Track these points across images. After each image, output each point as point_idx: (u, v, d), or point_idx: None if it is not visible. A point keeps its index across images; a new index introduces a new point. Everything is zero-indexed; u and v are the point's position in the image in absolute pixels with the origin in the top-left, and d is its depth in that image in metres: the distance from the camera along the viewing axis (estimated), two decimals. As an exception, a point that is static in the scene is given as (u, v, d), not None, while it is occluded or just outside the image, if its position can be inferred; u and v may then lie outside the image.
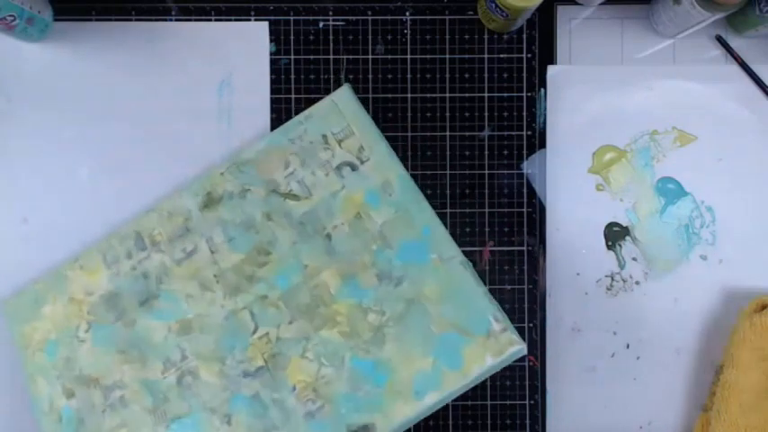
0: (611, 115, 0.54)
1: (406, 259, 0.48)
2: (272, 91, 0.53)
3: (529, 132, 0.54)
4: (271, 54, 0.53)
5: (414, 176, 0.53)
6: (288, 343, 0.48)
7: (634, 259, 0.54)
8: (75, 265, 0.51)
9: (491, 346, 0.45)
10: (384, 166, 0.49)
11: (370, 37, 0.54)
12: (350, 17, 0.53)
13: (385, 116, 0.54)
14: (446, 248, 0.48)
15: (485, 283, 0.53)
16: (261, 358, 0.48)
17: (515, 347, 0.45)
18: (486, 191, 0.54)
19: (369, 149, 0.50)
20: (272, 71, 0.53)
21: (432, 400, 0.45)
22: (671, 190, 0.54)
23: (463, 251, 0.54)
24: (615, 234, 0.54)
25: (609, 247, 0.54)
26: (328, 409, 0.46)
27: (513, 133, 0.54)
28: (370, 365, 0.46)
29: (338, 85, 0.53)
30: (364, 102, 0.53)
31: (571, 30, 0.54)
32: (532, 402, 0.53)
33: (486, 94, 0.54)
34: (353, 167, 0.49)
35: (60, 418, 0.49)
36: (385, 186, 0.49)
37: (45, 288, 0.51)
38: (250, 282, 0.49)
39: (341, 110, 0.51)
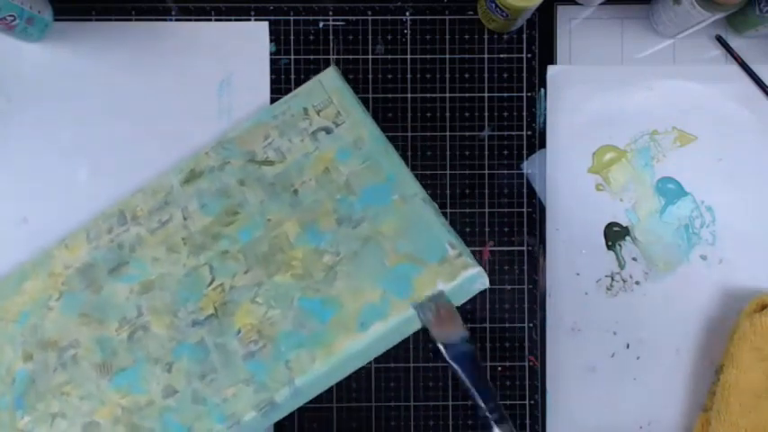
0: (611, 115, 0.54)
1: (368, 202, 0.47)
2: (272, 91, 0.53)
3: (529, 132, 0.54)
4: (271, 54, 0.53)
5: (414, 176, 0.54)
6: (240, 290, 0.47)
7: (634, 259, 0.54)
8: (62, 244, 0.52)
9: (443, 272, 0.44)
10: (357, 125, 0.49)
11: (370, 37, 0.54)
12: (350, 17, 0.53)
13: (385, 116, 0.54)
14: (409, 188, 0.47)
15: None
16: (212, 307, 0.47)
17: (470, 271, 0.43)
18: (486, 191, 0.54)
19: (345, 114, 0.50)
20: (272, 71, 0.53)
21: (377, 329, 0.44)
22: (671, 190, 0.54)
23: (463, 251, 0.54)
24: (615, 234, 0.54)
25: (609, 247, 0.54)
26: (269, 348, 0.45)
27: (513, 133, 0.54)
28: (318, 303, 0.46)
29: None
30: (364, 102, 0.53)
31: (571, 30, 0.54)
32: (532, 402, 0.53)
33: (486, 94, 0.54)
34: (329, 131, 0.50)
35: (14, 380, 0.49)
36: (356, 142, 0.49)
37: (31, 267, 0.52)
38: (215, 240, 0.49)
39: (324, 87, 0.51)
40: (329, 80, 0.51)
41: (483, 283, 0.44)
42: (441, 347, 0.43)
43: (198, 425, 0.45)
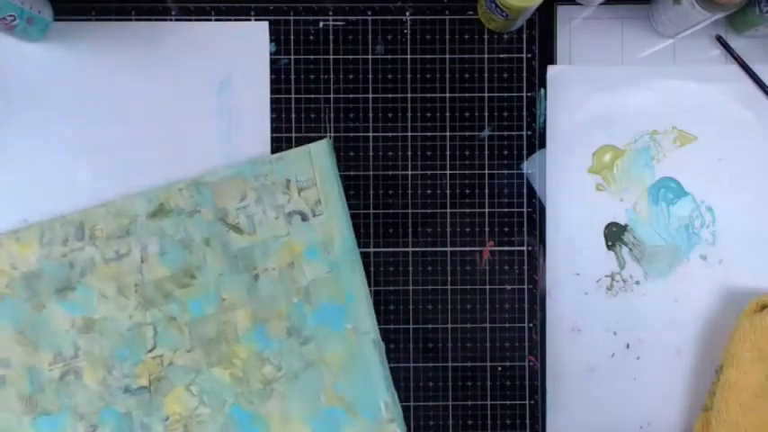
0: (611, 115, 0.54)
1: (321, 321, 0.48)
2: (272, 91, 0.53)
3: (529, 132, 0.54)
4: (271, 54, 0.53)
5: (414, 176, 0.54)
6: (178, 370, 0.48)
7: (634, 259, 0.54)
8: (13, 236, 0.51)
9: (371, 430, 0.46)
10: (333, 224, 0.50)
11: (370, 37, 0.54)
12: (350, 17, 0.53)
13: (385, 116, 0.54)
14: (364, 322, 0.48)
15: (485, 283, 0.54)
16: (147, 378, 0.48)
17: None
18: (486, 191, 0.54)
19: (325, 204, 0.50)
20: (272, 71, 0.53)
21: None
22: (671, 190, 0.54)
23: (463, 251, 0.54)
24: (615, 234, 0.54)
25: (609, 247, 0.54)
26: None
27: (513, 133, 0.54)
28: (248, 417, 0.47)
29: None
30: (364, 101, 0.53)
31: (571, 30, 0.54)
32: (532, 402, 0.53)
33: (486, 94, 0.54)
34: (304, 218, 0.50)
35: None
36: (327, 244, 0.50)
37: None
38: (166, 300, 0.49)
39: (312, 160, 0.51)
40: (319, 155, 0.51)
41: None
42: None
43: None
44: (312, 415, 0.46)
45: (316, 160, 0.51)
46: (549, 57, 0.54)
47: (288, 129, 0.53)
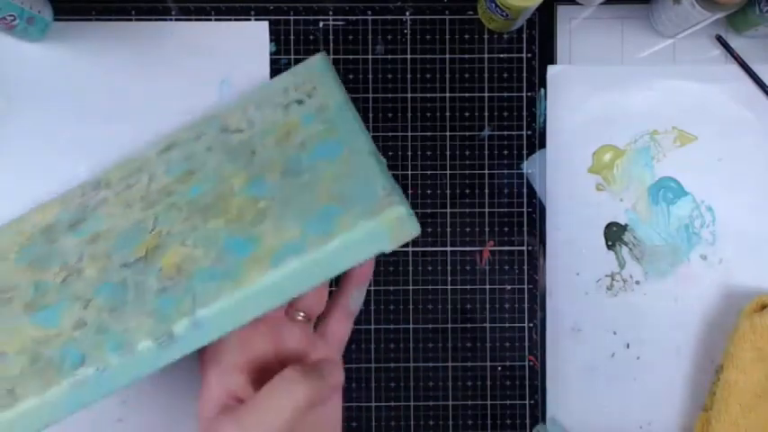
0: (611, 115, 0.54)
1: (317, 156, 0.46)
2: (272, 91, 0.53)
3: (529, 132, 0.54)
4: (271, 54, 0.53)
5: (414, 176, 0.54)
6: (174, 236, 0.46)
7: (634, 259, 0.54)
8: (39, 209, 0.52)
9: (367, 210, 0.41)
10: (328, 96, 0.49)
11: (370, 37, 0.54)
12: (350, 17, 0.53)
13: (385, 116, 0.54)
14: (361, 144, 0.45)
15: (485, 283, 0.54)
16: (144, 251, 0.46)
17: (394, 209, 0.40)
18: (486, 191, 0.54)
19: (320, 87, 0.49)
20: (272, 71, 0.53)
21: (290, 265, 0.41)
22: (671, 190, 0.54)
23: (463, 251, 0.54)
24: (615, 234, 0.54)
25: (609, 247, 0.54)
26: (183, 283, 0.43)
27: (513, 133, 0.54)
28: (240, 242, 0.44)
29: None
30: (365, 101, 0.53)
31: (571, 30, 0.54)
32: (532, 402, 0.53)
33: (486, 94, 0.54)
34: (300, 102, 0.49)
35: None
36: (322, 108, 0.48)
37: (2, 229, 0.52)
38: (168, 196, 0.49)
39: (307, 67, 0.52)
40: (315, 63, 0.52)
41: (412, 227, 0.41)
42: None
43: (93, 352, 0.42)
44: (305, 217, 0.43)
45: (311, 67, 0.51)
46: (549, 57, 0.54)
47: (288, 129, 0.53)
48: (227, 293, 0.41)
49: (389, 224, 0.40)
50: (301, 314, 0.44)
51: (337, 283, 0.46)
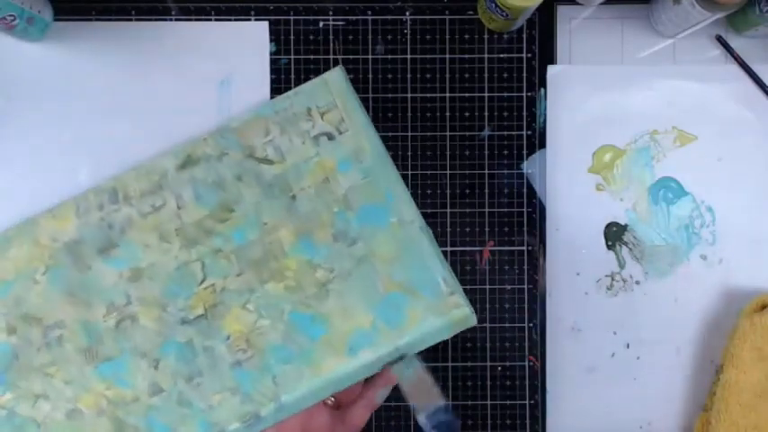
0: (611, 115, 0.54)
1: (365, 221, 0.47)
2: (272, 91, 0.53)
3: (529, 132, 0.54)
4: (271, 54, 0.53)
5: (414, 176, 0.54)
6: (231, 294, 0.47)
7: (634, 259, 0.54)
8: (49, 214, 0.51)
9: (435, 307, 0.45)
10: (361, 136, 0.49)
11: (370, 37, 0.54)
12: (350, 17, 0.53)
13: (385, 116, 0.54)
14: (407, 213, 0.47)
15: (485, 283, 0.54)
16: (202, 307, 0.47)
17: (460, 310, 0.44)
18: (486, 191, 0.54)
19: (349, 121, 0.49)
20: (272, 71, 0.53)
21: (365, 357, 0.44)
22: (671, 190, 0.54)
23: (463, 251, 0.54)
24: (615, 234, 0.54)
25: (609, 247, 0.54)
26: (257, 359, 0.46)
27: (513, 133, 0.54)
28: (308, 319, 0.46)
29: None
30: (364, 101, 0.53)
31: (571, 30, 0.54)
32: (532, 402, 0.53)
33: (486, 94, 0.54)
34: (331, 137, 0.49)
35: None
36: (357, 153, 0.49)
37: (15, 233, 0.51)
38: (208, 236, 0.49)
39: (330, 87, 0.51)
40: (335, 81, 0.51)
41: (472, 322, 0.45)
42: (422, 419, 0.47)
43: (182, 429, 0.45)
44: (372, 303, 0.45)
45: (333, 86, 0.51)
46: (549, 57, 0.54)
47: (288, 129, 0.53)
48: (308, 380, 0.45)
49: (455, 323, 0.45)
50: (332, 399, 0.46)
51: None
